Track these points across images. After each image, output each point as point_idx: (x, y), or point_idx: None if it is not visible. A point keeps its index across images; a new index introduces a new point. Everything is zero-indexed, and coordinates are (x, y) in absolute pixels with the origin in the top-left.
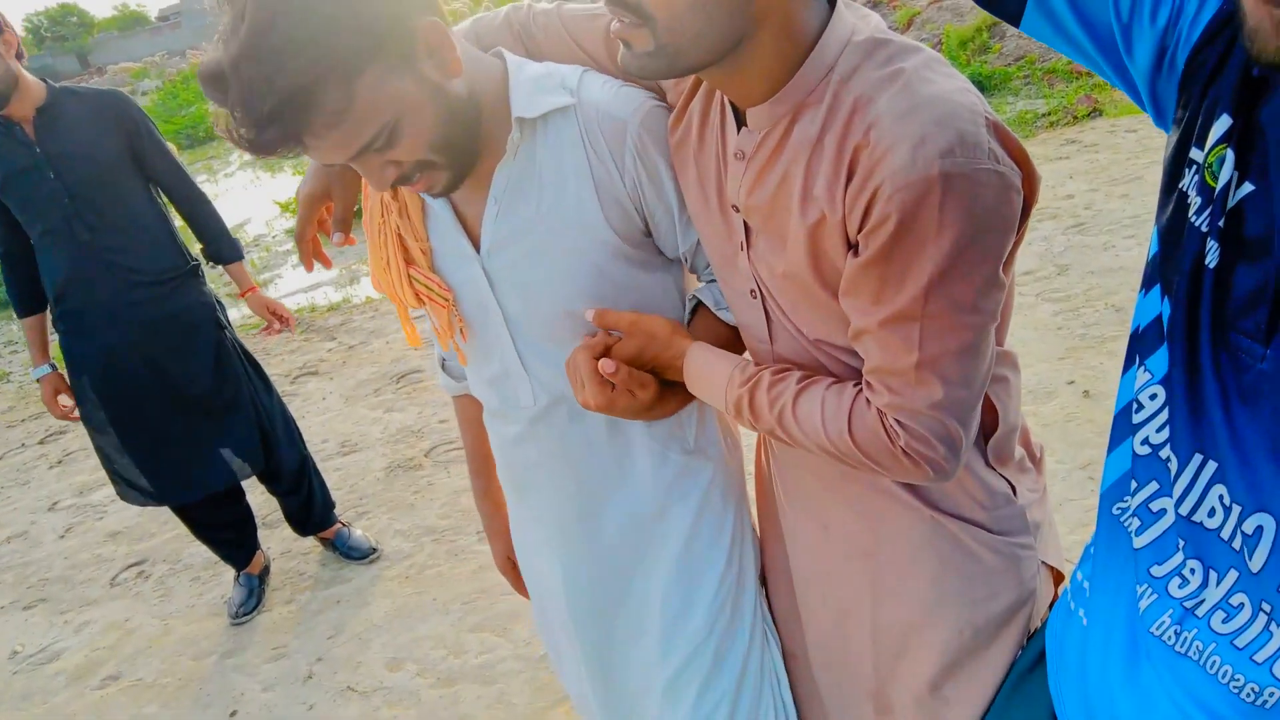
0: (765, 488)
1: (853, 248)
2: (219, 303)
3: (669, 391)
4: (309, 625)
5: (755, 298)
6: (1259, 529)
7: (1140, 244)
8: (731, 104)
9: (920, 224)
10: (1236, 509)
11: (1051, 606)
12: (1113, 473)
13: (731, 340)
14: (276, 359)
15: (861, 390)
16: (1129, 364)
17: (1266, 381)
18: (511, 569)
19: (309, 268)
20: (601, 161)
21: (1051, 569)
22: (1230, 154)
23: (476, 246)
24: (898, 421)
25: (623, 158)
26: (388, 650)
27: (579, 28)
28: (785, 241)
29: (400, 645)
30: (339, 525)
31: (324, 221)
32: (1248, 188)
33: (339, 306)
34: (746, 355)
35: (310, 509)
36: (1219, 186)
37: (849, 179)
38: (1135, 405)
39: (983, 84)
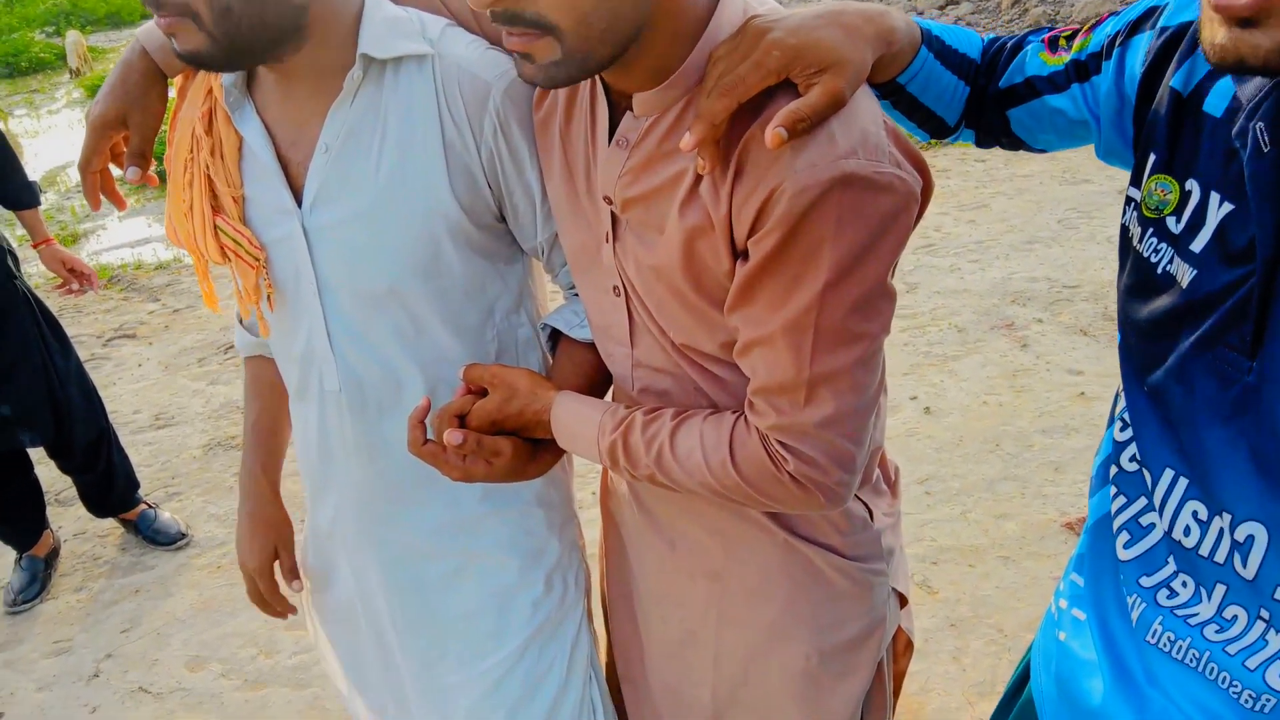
0: (612, 501)
1: (740, 254)
2: (8, 250)
3: (541, 449)
4: (100, 617)
5: (618, 295)
6: (1250, 537)
7: (983, 268)
8: (605, 84)
9: (819, 226)
10: (1219, 521)
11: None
12: (1099, 500)
13: (599, 366)
14: (89, 318)
15: (741, 416)
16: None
17: (1253, 394)
18: (268, 575)
19: (94, 205)
20: (456, 125)
21: (898, 594)
22: (1168, 181)
23: (299, 200)
24: (783, 445)
25: (481, 125)
26: (189, 647)
27: None
28: (660, 236)
29: (204, 642)
30: (143, 506)
31: (118, 152)
32: (1227, 207)
33: (168, 265)
34: (616, 403)
35: (109, 488)
36: (1189, 211)
37: (737, 175)
38: (1121, 424)
39: None
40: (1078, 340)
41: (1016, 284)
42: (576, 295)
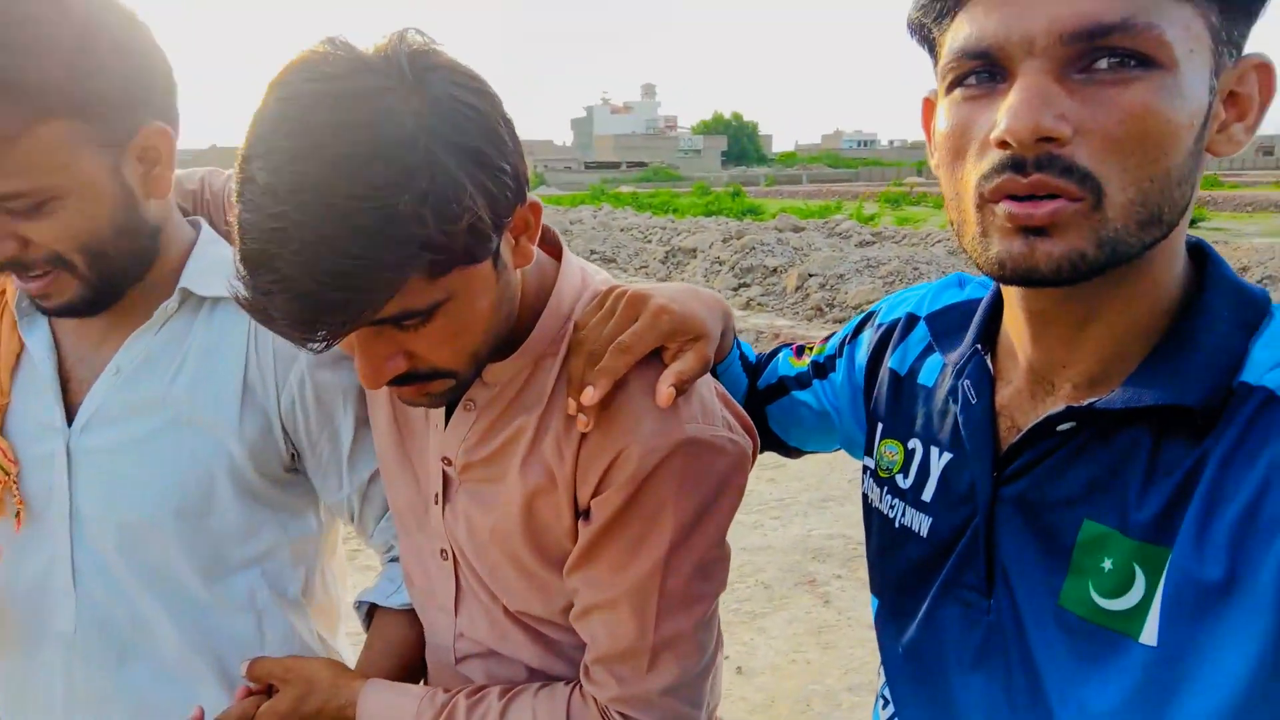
0: None
1: (582, 512)
2: None
3: None
4: None
5: (446, 559)
6: None
7: (784, 524)
8: None
9: (662, 488)
10: None
11: None
12: None
13: (417, 643)
14: None
15: (576, 687)
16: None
17: (995, 634)
18: None
19: None
20: (261, 369)
21: None
22: (894, 444)
23: (70, 417)
24: (625, 716)
25: (288, 373)
26: None
27: None
28: (500, 495)
29: None
30: None
31: None
32: (947, 456)
33: None
34: (434, 688)
35: None
36: (914, 467)
37: (585, 434)
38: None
39: None
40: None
41: (815, 541)
42: (394, 560)
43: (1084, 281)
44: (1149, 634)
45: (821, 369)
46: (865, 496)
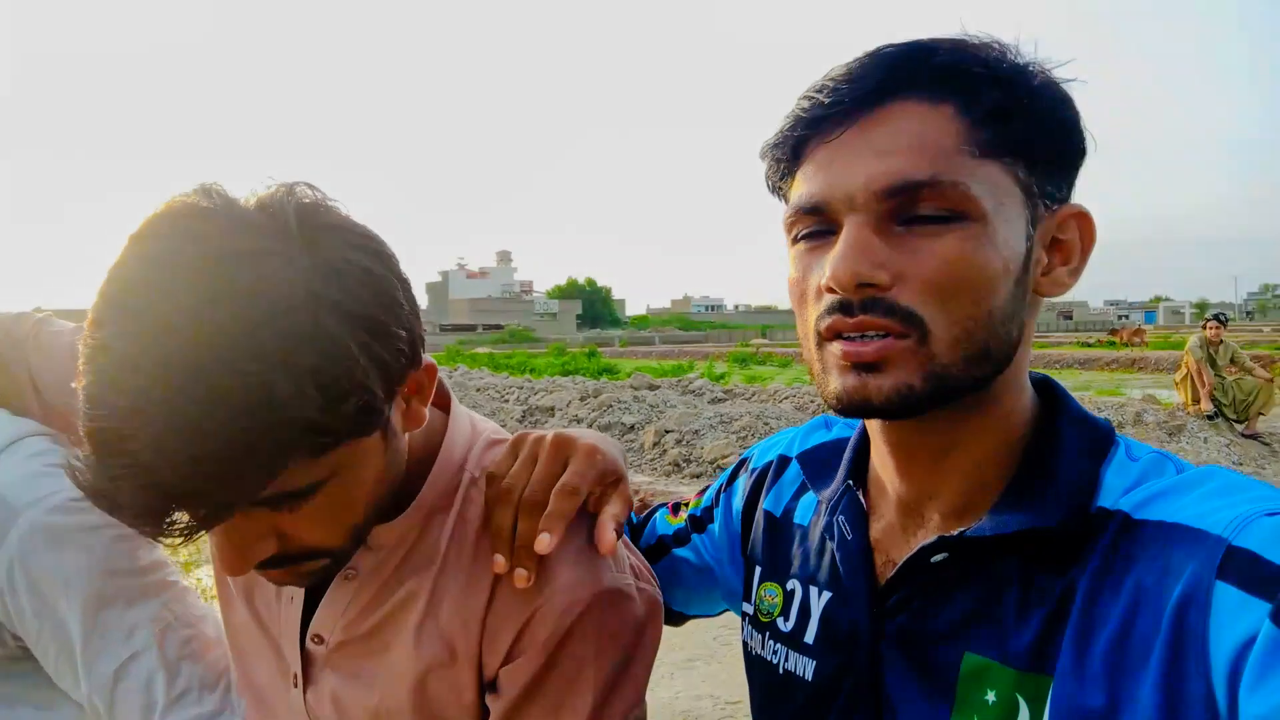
0: None
1: (489, 684)
2: None
3: None
4: None
5: None
6: None
7: (651, 688)
8: None
9: (580, 647)
10: None
11: None
12: None
13: None
14: None
15: None
16: None
17: None
18: None
19: None
20: None
21: None
22: (773, 588)
23: None
24: None
25: None
26: None
27: None
28: (382, 675)
29: None
30: None
31: None
32: (827, 595)
33: None
34: None
35: None
36: (795, 609)
37: (492, 597)
38: None
39: None
40: None
41: (684, 703)
42: None
43: (918, 414)
44: None
45: (699, 522)
46: (746, 645)
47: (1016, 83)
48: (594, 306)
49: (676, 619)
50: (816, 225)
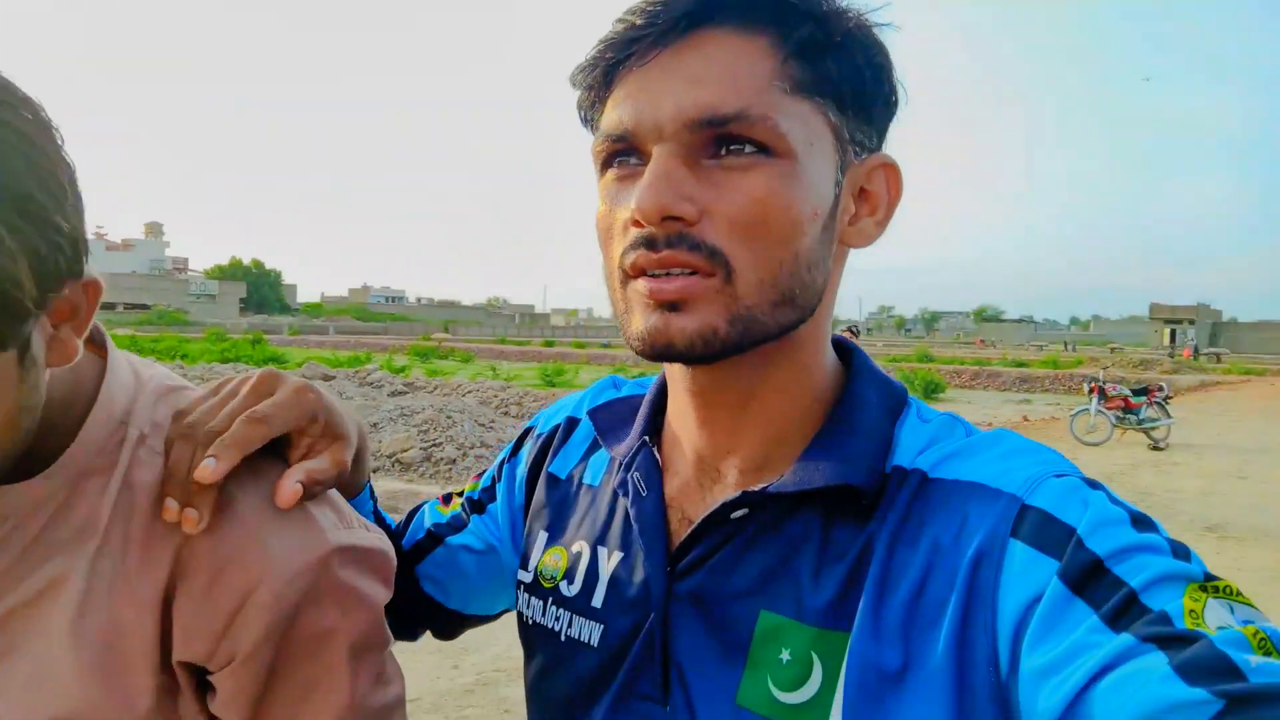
0: None
1: (204, 688)
2: None
3: None
4: None
5: None
6: None
7: None
8: None
9: (323, 617)
10: None
11: None
12: None
13: None
14: None
15: None
16: None
17: None
18: None
19: None
20: None
21: None
22: (558, 551)
23: None
24: None
25: None
26: None
27: None
28: (18, 682)
29: None
30: None
31: None
32: (617, 556)
33: None
34: None
35: None
36: (580, 572)
37: (179, 575)
38: None
39: None
40: None
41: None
42: None
43: (722, 358)
44: None
45: (479, 504)
46: (521, 615)
47: (832, 21)
48: (261, 291)
49: (454, 624)
50: (624, 154)
